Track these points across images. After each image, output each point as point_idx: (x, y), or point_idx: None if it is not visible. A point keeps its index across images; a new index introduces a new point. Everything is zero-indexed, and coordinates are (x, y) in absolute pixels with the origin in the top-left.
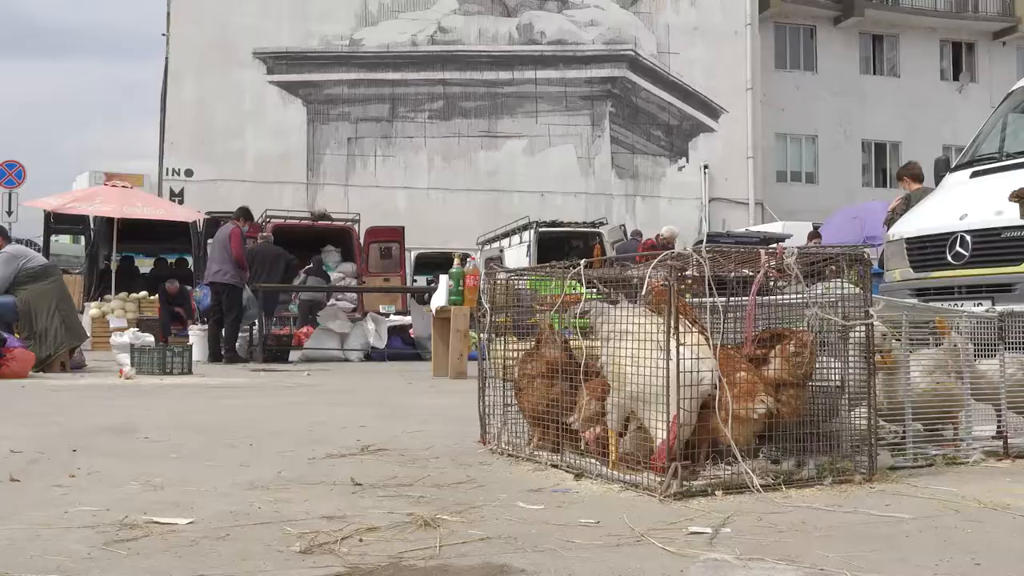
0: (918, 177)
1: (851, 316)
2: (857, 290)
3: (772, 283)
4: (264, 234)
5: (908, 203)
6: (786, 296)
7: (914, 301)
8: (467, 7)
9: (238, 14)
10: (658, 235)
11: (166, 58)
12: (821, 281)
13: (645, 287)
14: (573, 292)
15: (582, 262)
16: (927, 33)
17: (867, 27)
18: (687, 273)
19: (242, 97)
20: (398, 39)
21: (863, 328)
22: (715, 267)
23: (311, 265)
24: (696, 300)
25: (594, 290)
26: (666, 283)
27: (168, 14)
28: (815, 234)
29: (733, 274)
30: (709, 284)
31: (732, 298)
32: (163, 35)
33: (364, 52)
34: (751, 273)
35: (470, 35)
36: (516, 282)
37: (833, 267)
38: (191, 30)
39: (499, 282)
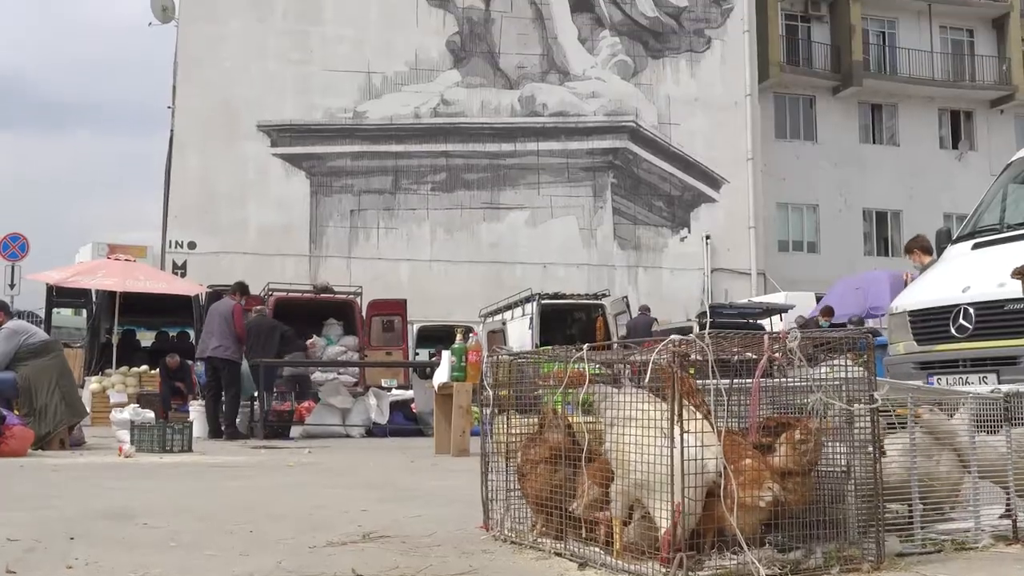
0: (928, 249)
1: (856, 400)
2: (861, 371)
3: (776, 367)
4: (259, 307)
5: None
6: (790, 380)
7: (919, 383)
8: (470, 80)
9: (243, 87)
10: None
11: (171, 131)
12: (825, 360)
13: (649, 372)
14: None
15: (585, 346)
16: (925, 102)
17: (866, 97)
18: (691, 357)
19: (246, 169)
20: (401, 112)
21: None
22: (718, 350)
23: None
24: (700, 381)
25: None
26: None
27: (174, 87)
28: (828, 311)
29: (736, 357)
30: (713, 369)
31: (736, 380)
32: (169, 108)
33: (367, 125)
34: (754, 356)
35: (472, 107)
36: (520, 362)
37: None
38: (196, 103)
39: (502, 364)
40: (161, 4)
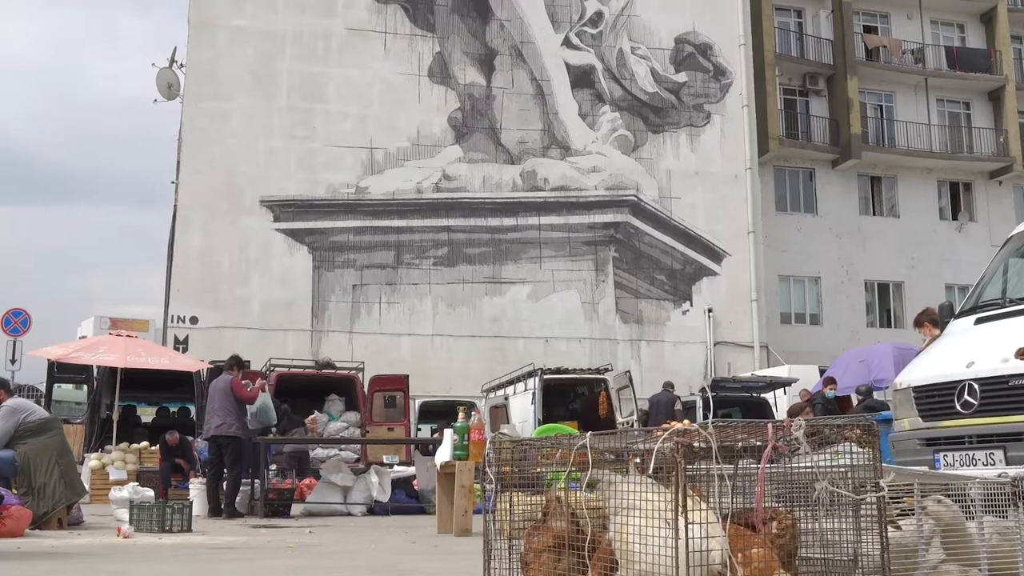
0: (938, 323)
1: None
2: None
3: (780, 456)
4: (260, 381)
5: None
6: (794, 466)
7: (924, 469)
8: (471, 155)
9: (247, 163)
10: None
11: (174, 206)
12: (830, 445)
13: (652, 460)
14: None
15: (588, 434)
16: (924, 174)
17: (865, 169)
18: (694, 446)
19: (248, 244)
20: (403, 187)
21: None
22: (722, 438)
23: (285, 417)
24: (704, 468)
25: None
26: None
27: (178, 163)
28: (831, 381)
29: (740, 445)
30: (716, 458)
31: (739, 466)
32: (172, 183)
33: (370, 200)
34: (759, 443)
35: (474, 182)
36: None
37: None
38: (200, 179)
39: (505, 451)
40: (167, 81)
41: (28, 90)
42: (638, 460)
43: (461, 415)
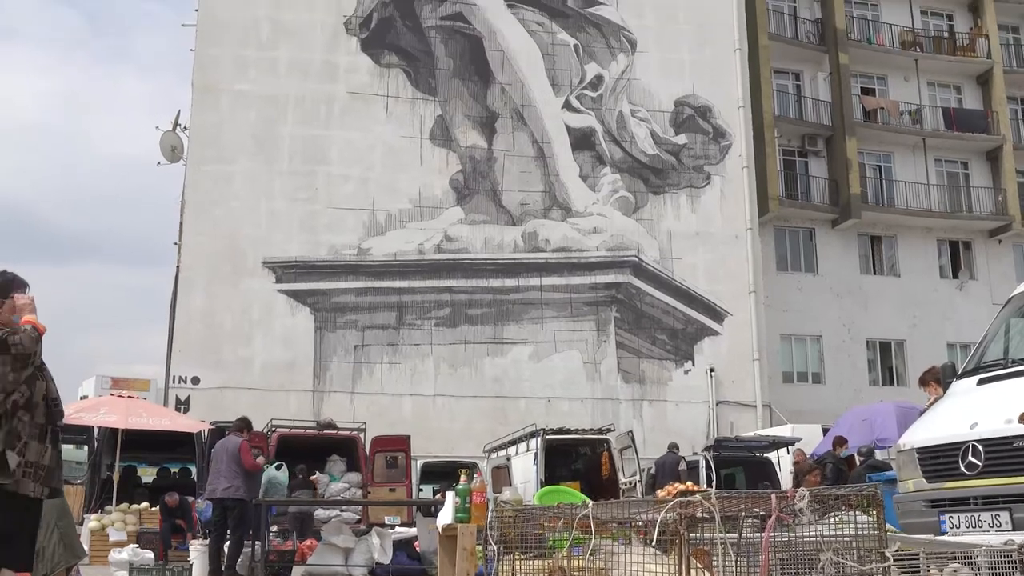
0: (942, 381)
1: (866, 557)
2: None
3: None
4: (255, 448)
5: None
6: (799, 535)
7: (930, 537)
8: (473, 217)
9: (249, 226)
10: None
11: (177, 267)
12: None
13: (656, 531)
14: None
15: (590, 504)
16: (924, 233)
17: (865, 228)
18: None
19: (251, 305)
20: (405, 248)
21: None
22: (725, 507)
23: (299, 477)
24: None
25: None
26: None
27: (181, 224)
28: (841, 440)
29: (744, 515)
30: (720, 527)
31: (743, 535)
32: (175, 244)
33: (372, 261)
34: (762, 513)
35: (476, 244)
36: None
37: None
38: (203, 240)
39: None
40: (170, 144)
41: (33, 149)
42: (640, 524)
43: (463, 478)
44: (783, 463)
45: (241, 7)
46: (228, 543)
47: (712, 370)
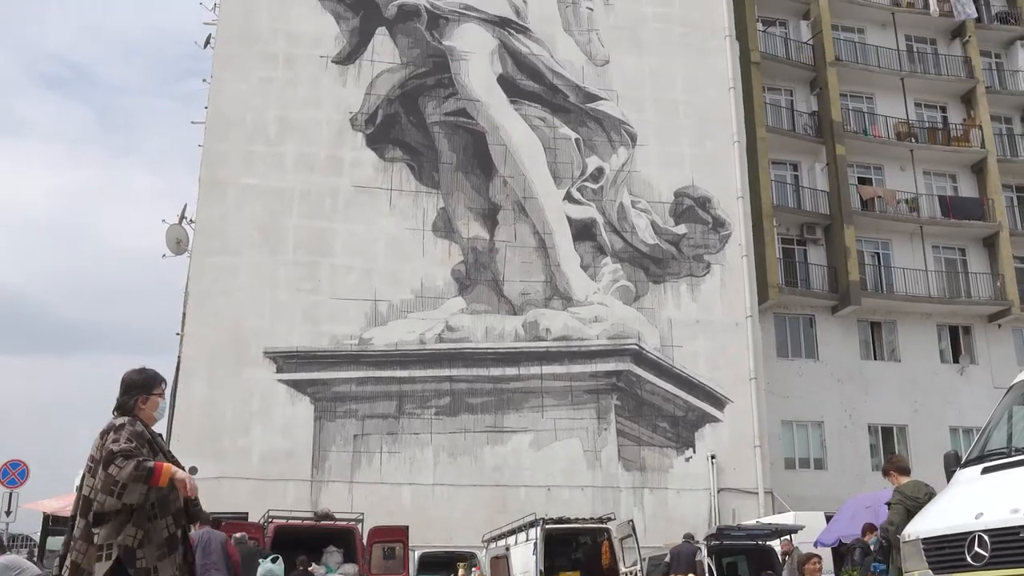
0: (904, 470)
1: None
2: None
3: None
4: (239, 535)
5: (901, 495)
6: None
7: None
8: (474, 307)
9: (252, 316)
10: None
11: (179, 357)
12: None
13: None
14: None
15: None
16: (923, 318)
17: (865, 315)
18: None
19: (251, 395)
20: (406, 338)
21: None
22: None
23: (298, 568)
24: None
25: None
26: None
27: (184, 315)
28: (871, 527)
29: None
30: None
31: None
32: (177, 335)
33: (372, 351)
34: None
35: (477, 333)
36: None
37: None
38: (205, 331)
39: None
40: (176, 237)
41: (40, 242)
42: None
43: (461, 570)
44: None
45: (250, 105)
46: None
47: (713, 457)
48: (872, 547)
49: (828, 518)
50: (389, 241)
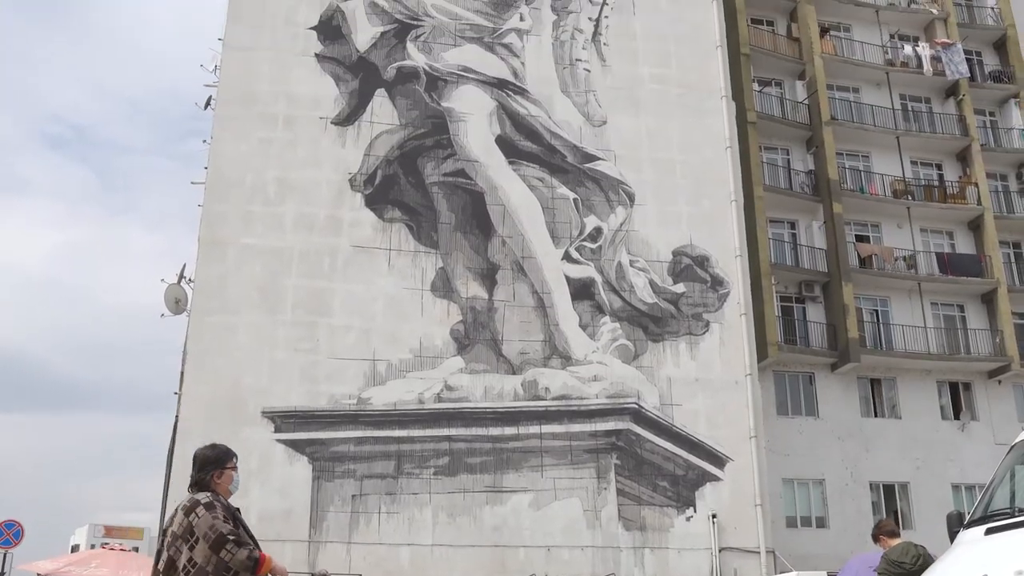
0: (894, 533)
1: None
2: None
3: None
4: None
5: (887, 561)
6: None
7: None
8: (473, 366)
9: (250, 376)
10: None
11: (176, 416)
12: None
13: None
14: None
15: None
16: (923, 375)
17: (864, 372)
18: None
19: (249, 455)
20: (405, 398)
21: None
22: None
23: None
24: None
25: None
26: None
27: (182, 374)
28: None
29: None
30: None
31: None
32: (175, 393)
33: (371, 411)
34: None
35: (476, 392)
36: None
37: None
38: (203, 391)
39: None
40: (175, 297)
41: (39, 300)
42: None
43: None
44: None
45: (249, 166)
46: None
47: (714, 516)
48: None
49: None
50: (388, 301)
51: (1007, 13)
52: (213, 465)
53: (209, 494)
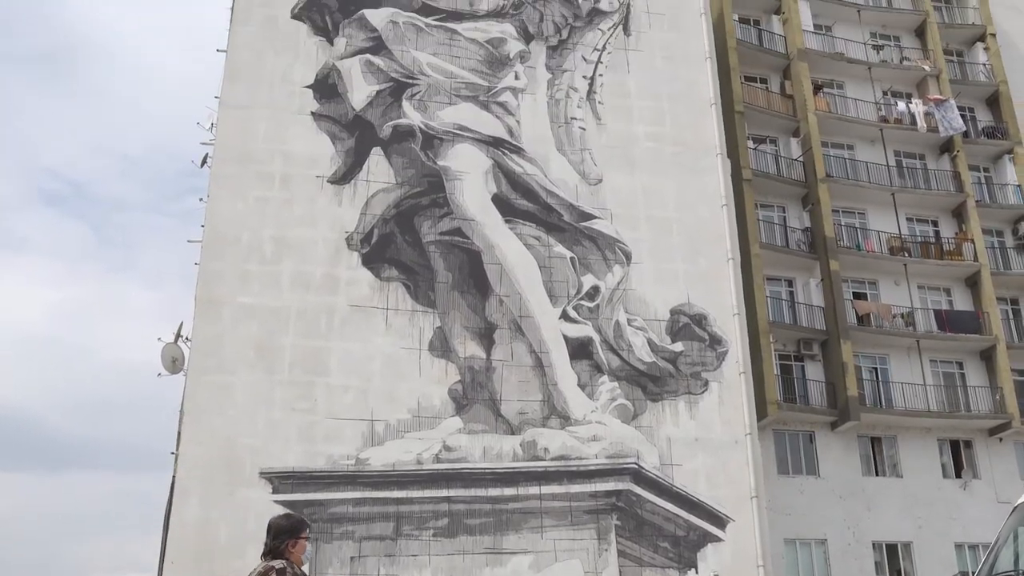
0: None
1: None
2: None
3: None
4: None
5: None
6: None
7: None
8: (472, 426)
9: (248, 436)
10: None
11: (173, 476)
12: None
13: None
14: None
15: None
16: (924, 433)
17: (864, 430)
18: None
19: (247, 516)
20: (404, 458)
21: None
22: None
23: None
24: None
25: None
26: None
27: (179, 433)
28: None
29: None
30: None
31: None
32: (172, 453)
33: (369, 471)
34: None
35: (475, 453)
36: None
37: None
38: (200, 451)
39: None
40: (171, 356)
41: (36, 358)
42: None
43: None
44: None
45: (246, 224)
46: None
47: None
48: None
49: None
50: (385, 360)
51: (999, 69)
52: (288, 534)
53: (283, 562)
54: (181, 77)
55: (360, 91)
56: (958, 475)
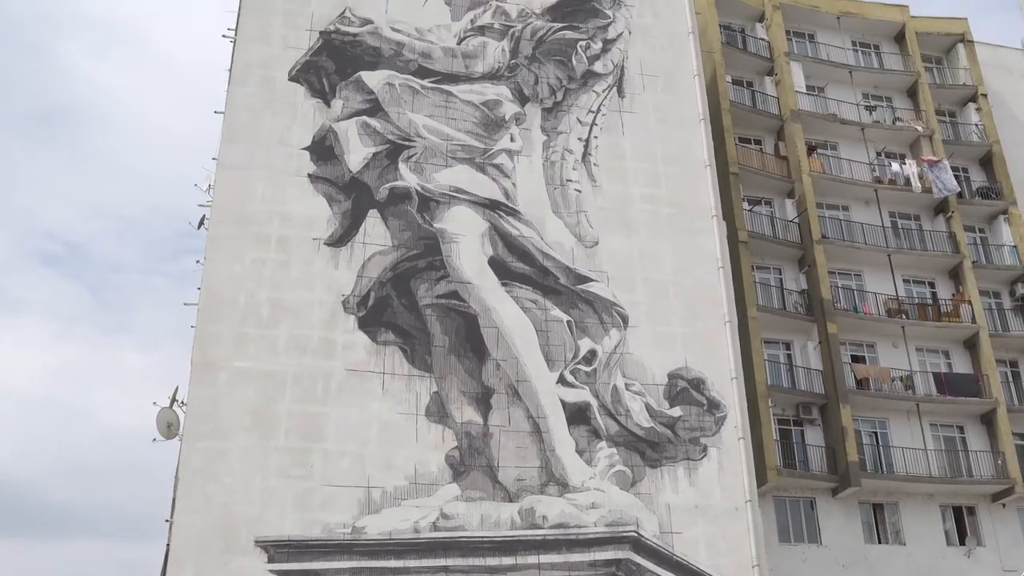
0: None
1: None
2: None
3: None
4: None
5: None
6: None
7: None
8: (469, 493)
9: (243, 503)
10: None
11: (167, 544)
12: None
13: None
14: None
15: None
16: (926, 499)
17: (866, 496)
18: None
19: None
20: (400, 526)
21: None
22: None
23: None
24: None
25: None
26: None
27: (173, 500)
28: None
29: None
30: None
31: None
32: (167, 521)
33: (366, 540)
34: None
35: (472, 521)
36: None
37: None
38: (195, 518)
39: None
40: (167, 421)
41: (32, 421)
42: None
43: None
44: None
45: (243, 287)
46: None
47: None
48: None
49: None
50: (382, 426)
51: (991, 129)
52: None
53: None
54: (179, 138)
55: (357, 153)
56: (962, 542)
